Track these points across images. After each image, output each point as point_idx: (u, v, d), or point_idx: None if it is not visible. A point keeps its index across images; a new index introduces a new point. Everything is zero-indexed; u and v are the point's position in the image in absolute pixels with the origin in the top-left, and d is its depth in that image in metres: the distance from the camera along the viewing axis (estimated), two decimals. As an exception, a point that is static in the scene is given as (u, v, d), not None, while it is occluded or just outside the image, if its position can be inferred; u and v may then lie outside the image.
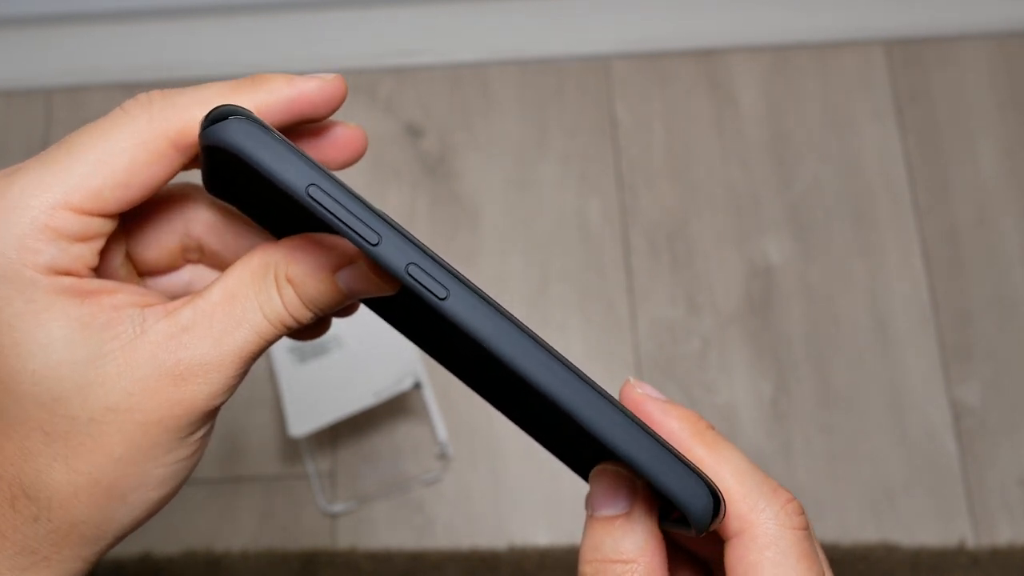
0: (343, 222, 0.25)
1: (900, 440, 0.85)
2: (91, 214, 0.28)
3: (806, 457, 0.85)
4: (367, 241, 0.25)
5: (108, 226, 0.29)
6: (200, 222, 0.33)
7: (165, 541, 0.82)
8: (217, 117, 0.26)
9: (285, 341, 0.80)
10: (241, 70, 0.95)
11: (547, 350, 0.25)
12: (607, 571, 0.28)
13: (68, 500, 0.29)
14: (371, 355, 0.80)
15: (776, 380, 0.87)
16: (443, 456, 0.84)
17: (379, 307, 0.32)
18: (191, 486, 0.84)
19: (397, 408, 0.85)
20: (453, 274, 0.25)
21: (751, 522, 0.27)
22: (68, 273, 0.28)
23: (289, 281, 0.29)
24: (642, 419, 0.26)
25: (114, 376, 0.28)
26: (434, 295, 0.25)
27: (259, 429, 0.85)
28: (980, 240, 0.91)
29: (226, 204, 0.32)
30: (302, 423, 0.78)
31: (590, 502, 0.28)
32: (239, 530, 0.82)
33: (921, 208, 0.92)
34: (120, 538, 0.31)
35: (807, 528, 0.28)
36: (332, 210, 0.25)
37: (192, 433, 0.30)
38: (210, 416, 0.30)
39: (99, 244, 0.29)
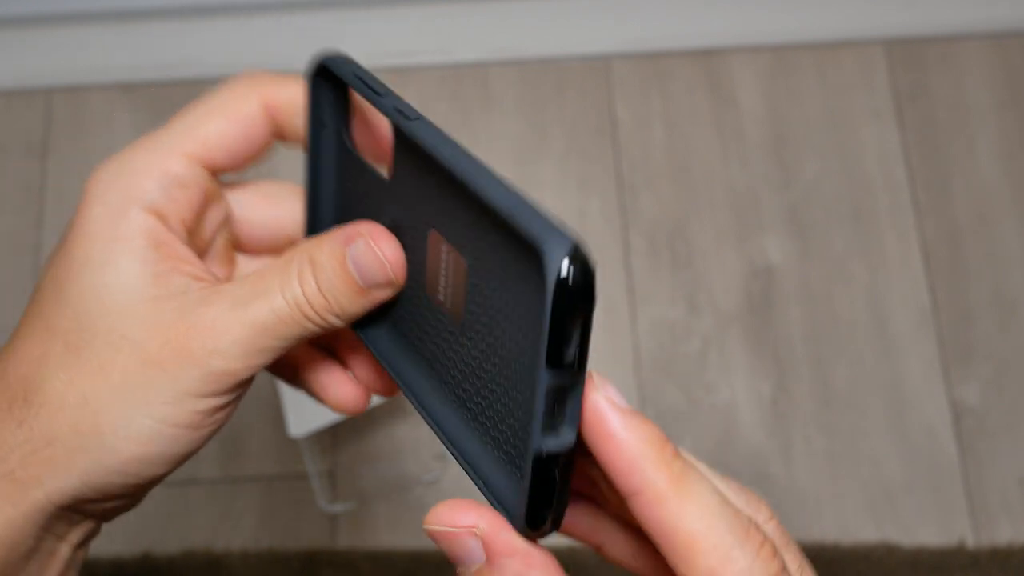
0: (370, 88, 0.30)
1: (900, 440, 0.85)
2: (199, 162, 0.32)
3: (806, 457, 0.85)
4: (376, 92, 0.29)
5: (210, 182, 0.33)
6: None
7: (165, 541, 0.82)
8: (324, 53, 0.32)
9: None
10: (241, 70, 0.95)
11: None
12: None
13: (54, 411, 0.30)
14: (371, 355, 0.80)
15: (776, 380, 0.87)
16: (443, 456, 0.84)
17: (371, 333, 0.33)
18: (191, 486, 0.84)
19: (397, 408, 0.85)
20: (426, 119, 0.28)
21: (721, 570, 0.24)
22: (161, 216, 0.31)
23: (311, 263, 0.31)
24: (599, 429, 0.24)
25: (141, 313, 0.30)
26: (405, 116, 0.28)
27: (259, 429, 0.85)
28: (980, 240, 0.91)
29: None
30: (302, 423, 0.78)
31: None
32: (239, 530, 0.82)
33: (921, 208, 0.92)
34: (84, 495, 0.31)
35: (782, 572, 0.24)
36: (367, 82, 0.30)
37: (190, 397, 0.30)
38: (211, 385, 0.30)
39: (198, 196, 0.32)
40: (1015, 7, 0.97)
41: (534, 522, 0.25)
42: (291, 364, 0.36)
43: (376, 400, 0.79)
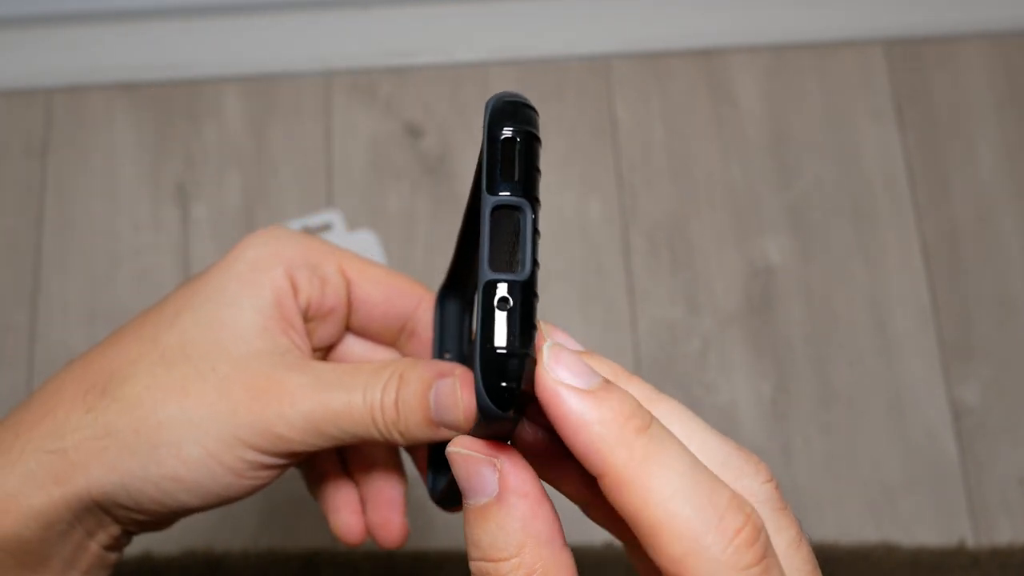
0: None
1: (900, 440, 0.85)
2: (345, 286, 0.37)
3: (806, 457, 0.85)
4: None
5: (343, 305, 0.37)
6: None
7: (165, 541, 0.82)
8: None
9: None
10: (241, 70, 0.95)
11: None
12: (489, 572, 0.24)
13: (125, 409, 0.32)
14: (371, 355, 0.80)
15: (776, 380, 0.87)
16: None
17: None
18: (191, 486, 0.84)
19: (397, 408, 0.85)
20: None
21: (689, 557, 0.22)
22: (295, 287, 0.34)
23: (400, 378, 0.33)
24: (553, 411, 0.23)
25: (239, 355, 0.33)
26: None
27: (259, 429, 0.85)
28: (980, 240, 0.91)
29: None
30: (302, 423, 0.78)
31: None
32: (239, 530, 0.82)
33: (921, 208, 0.92)
34: (119, 498, 0.32)
35: (763, 553, 0.22)
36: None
37: (242, 445, 0.32)
38: (264, 442, 0.32)
39: (330, 300, 0.36)
40: (1015, 7, 0.97)
41: (497, 385, 0.23)
42: (320, 472, 0.40)
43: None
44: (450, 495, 0.34)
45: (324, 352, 0.39)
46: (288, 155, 0.93)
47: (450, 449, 0.25)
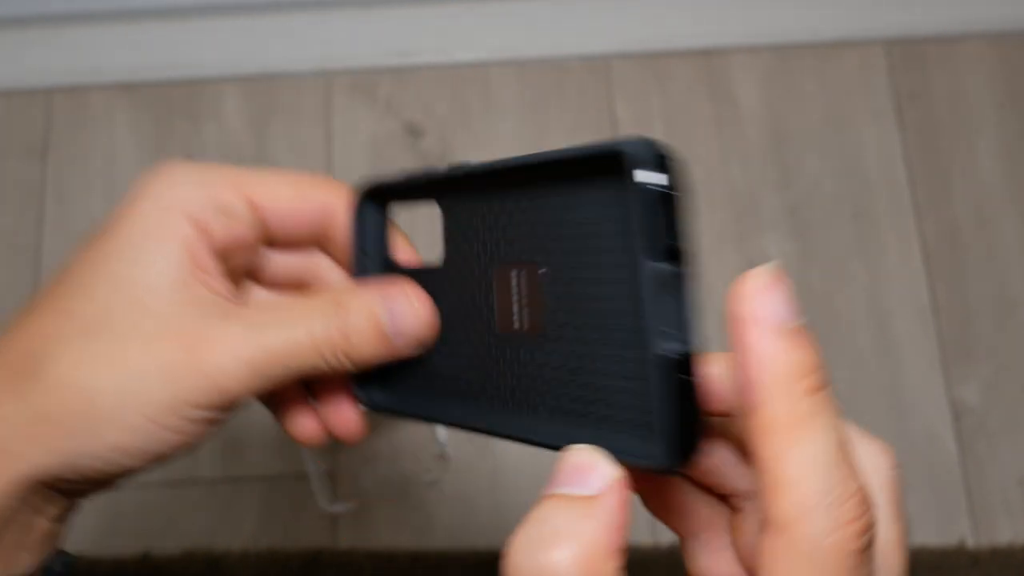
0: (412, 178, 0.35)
1: (900, 440, 0.85)
2: (252, 207, 0.34)
3: (806, 457, 0.85)
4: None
5: (255, 231, 0.34)
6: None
7: (165, 541, 0.82)
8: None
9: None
10: (241, 70, 0.95)
11: None
12: (539, 546, 0.24)
13: (55, 390, 0.31)
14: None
15: (776, 380, 0.87)
16: (443, 456, 0.84)
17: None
18: (191, 486, 0.84)
19: (397, 408, 0.85)
20: None
21: (795, 529, 0.23)
22: (202, 231, 0.33)
23: (340, 305, 0.33)
24: (738, 337, 0.23)
25: (161, 313, 0.31)
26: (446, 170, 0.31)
27: (259, 429, 0.85)
28: (980, 240, 0.91)
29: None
30: (302, 423, 0.78)
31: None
32: (239, 530, 0.82)
33: (921, 208, 0.92)
34: (64, 475, 0.31)
35: (863, 551, 0.23)
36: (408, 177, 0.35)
37: (186, 405, 0.31)
38: (208, 398, 0.31)
39: (240, 232, 0.34)
40: (1015, 7, 0.97)
41: (684, 447, 0.23)
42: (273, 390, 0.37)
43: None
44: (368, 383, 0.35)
45: (242, 279, 0.37)
46: (288, 155, 0.93)
47: (579, 446, 0.25)
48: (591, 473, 0.25)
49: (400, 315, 0.33)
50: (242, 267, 0.36)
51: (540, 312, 0.28)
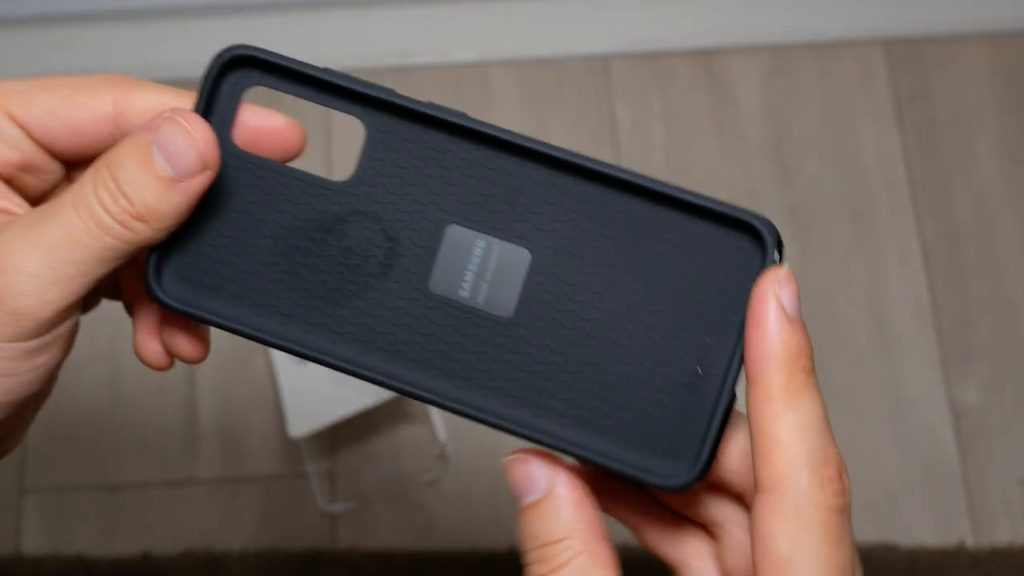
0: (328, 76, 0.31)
1: (900, 440, 0.85)
2: (19, 126, 0.30)
3: (806, 457, 0.85)
4: None
5: (33, 150, 0.30)
6: None
7: (165, 541, 0.82)
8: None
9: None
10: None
11: None
12: (546, 556, 0.27)
13: None
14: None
15: (776, 380, 0.87)
16: (443, 456, 0.84)
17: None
18: (191, 486, 0.84)
19: (397, 408, 0.85)
20: None
21: (784, 486, 0.26)
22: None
23: (106, 164, 0.27)
24: (754, 315, 0.27)
25: None
26: (407, 100, 0.29)
27: (259, 429, 0.85)
28: (980, 240, 0.91)
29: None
30: (302, 423, 0.78)
31: (512, 494, 0.28)
32: (239, 530, 0.82)
33: (921, 208, 0.92)
34: None
35: (842, 511, 0.27)
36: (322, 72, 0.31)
37: None
38: (12, 328, 0.27)
39: (12, 156, 0.29)
40: (1015, 7, 0.97)
41: (706, 468, 0.28)
42: (128, 304, 0.33)
43: (377, 400, 0.79)
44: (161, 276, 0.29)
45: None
46: (288, 155, 0.93)
47: (509, 457, 0.28)
48: (535, 477, 0.28)
49: (171, 141, 0.27)
50: (41, 190, 0.31)
51: (509, 295, 0.29)
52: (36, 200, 0.30)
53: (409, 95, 0.29)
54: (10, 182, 0.30)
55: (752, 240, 0.28)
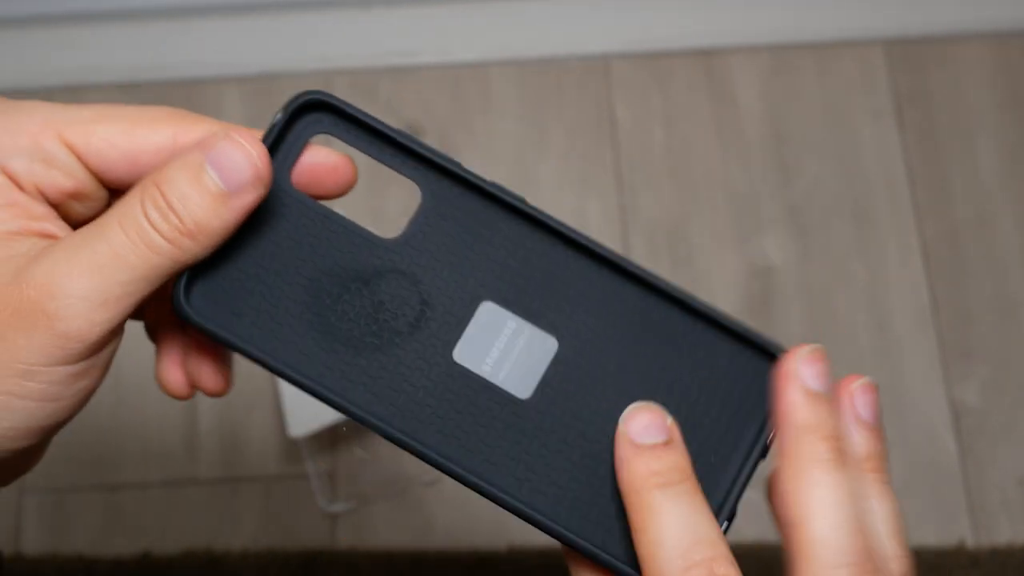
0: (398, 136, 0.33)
1: (900, 440, 0.85)
2: (75, 154, 0.29)
3: (806, 457, 0.85)
4: None
5: (86, 179, 0.29)
6: None
7: (165, 541, 0.82)
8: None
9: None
10: (241, 70, 0.95)
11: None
12: (665, 480, 0.28)
13: None
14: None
15: (776, 380, 0.87)
16: (443, 456, 0.84)
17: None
18: (191, 486, 0.84)
19: (397, 408, 0.85)
20: None
21: (814, 550, 0.27)
22: (15, 180, 0.28)
23: (155, 183, 0.27)
24: (780, 389, 0.29)
25: None
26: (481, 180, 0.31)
27: (259, 429, 0.85)
28: (980, 240, 0.91)
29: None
30: (302, 423, 0.78)
31: (629, 435, 0.28)
32: (239, 530, 0.83)
33: (921, 208, 0.92)
34: None
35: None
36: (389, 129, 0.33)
37: (38, 368, 0.26)
38: (58, 352, 0.26)
39: (64, 182, 0.29)
40: (1015, 7, 0.97)
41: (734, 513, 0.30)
42: (150, 328, 0.33)
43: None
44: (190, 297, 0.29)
45: None
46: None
47: (640, 405, 0.29)
48: (661, 427, 0.29)
49: (226, 156, 0.27)
50: (85, 217, 0.30)
51: (529, 378, 0.30)
52: (78, 226, 0.29)
53: (472, 169, 0.31)
54: (58, 207, 0.30)
55: (772, 364, 0.30)
